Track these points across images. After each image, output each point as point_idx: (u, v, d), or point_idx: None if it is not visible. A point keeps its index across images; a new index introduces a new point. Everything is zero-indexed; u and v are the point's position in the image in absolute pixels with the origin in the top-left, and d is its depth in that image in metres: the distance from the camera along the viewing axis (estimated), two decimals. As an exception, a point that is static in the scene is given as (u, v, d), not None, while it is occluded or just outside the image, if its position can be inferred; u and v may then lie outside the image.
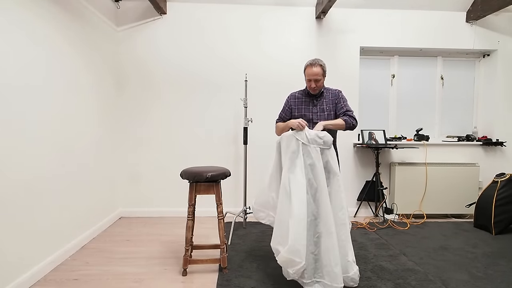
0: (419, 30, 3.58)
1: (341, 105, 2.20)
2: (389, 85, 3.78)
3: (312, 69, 2.15)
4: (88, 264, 2.29)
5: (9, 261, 1.83)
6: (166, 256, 2.44)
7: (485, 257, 2.48)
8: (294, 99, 2.33)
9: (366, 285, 1.99)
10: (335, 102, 2.22)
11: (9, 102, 1.85)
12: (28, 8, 2.03)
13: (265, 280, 2.05)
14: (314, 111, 2.23)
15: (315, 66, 2.14)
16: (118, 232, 3.00)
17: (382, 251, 2.55)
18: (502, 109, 3.65)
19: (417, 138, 3.65)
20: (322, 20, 3.50)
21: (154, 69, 3.44)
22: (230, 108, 3.49)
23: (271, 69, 3.50)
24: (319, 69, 2.14)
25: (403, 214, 3.51)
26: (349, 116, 2.15)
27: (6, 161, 1.82)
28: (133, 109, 3.44)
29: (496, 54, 3.66)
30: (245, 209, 3.13)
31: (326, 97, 2.24)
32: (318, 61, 2.16)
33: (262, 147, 3.49)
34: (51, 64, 2.26)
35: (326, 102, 2.22)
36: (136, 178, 3.47)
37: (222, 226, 2.15)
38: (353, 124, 2.15)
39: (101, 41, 3.04)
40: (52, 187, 2.24)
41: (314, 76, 2.14)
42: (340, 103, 2.20)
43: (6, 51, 1.83)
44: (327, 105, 2.22)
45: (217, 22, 3.46)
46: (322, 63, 2.17)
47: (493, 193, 3.06)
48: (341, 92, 2.25)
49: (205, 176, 2.05)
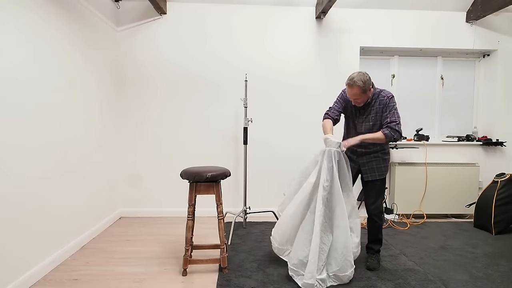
0: (419, 30, 3.57)
1: (386, 114, 2.09)
2: (389, 85, 3.78)
3: (350, 90, 2.07)
4: (88, 264, 2.29)
5: (9, 261, 1.83)
6: (166, 256, 2.44)
7: (485, 257, 2.48)
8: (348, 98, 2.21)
9: (366, 285, 1.99)
10: (382, 111, 2.12)
11: (9, 102, 1.85)
12: (28, 8, 2.03)
13: (265, 280, 2.05)
14: (360, 120, 2.20)
15: (353, 87, 2.04)
16: (118, 232, 3.00)
17: (382, 251, 2.54)
18: (502, 109, 3.65)
19: (417, 138, 3.65)
20: (322, 20, 3.50)
21: (154, 69, 3.43)
22: (230, 108, 3.49)
23: (271, 69, 3.50)
24: (356, 90, 2.03)
25: (403, 214, 3.51)
26: (391, 129, 2.05)
27: (6, 160, 1.81)
28: (133, 109, 3.44)
29: (496, 54, 3.66)
30: (245, 209, 3.13)
31: (374, 106, 2.15)
32: (356, 81, 2.01)
33: (262, 147, 3.49)
34: (51, 65, 2.25)
35: (374, 111, 2.15)
36: (136, 178, 3.47)
37: (222, 226, 2.15)
38: (395, 138, 2.06)
39: (101, 41, 3.04)
40: (52, 187, 2.24)
41: (353, 96, 2.09)
42: (385, 112, 2.09)
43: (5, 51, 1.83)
44: (373, 115, 2.15)
45: (217, 22, 3.46)
46: (361, 82, 2.00)
47: (493, 193, 3.06)
48: (391, 99, 2.11)
49: (205, 176, 2.05)
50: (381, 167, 2.22)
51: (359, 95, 2.06)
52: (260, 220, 3.29)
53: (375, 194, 2.25)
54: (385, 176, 2.25)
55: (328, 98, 3.52)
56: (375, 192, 2.25)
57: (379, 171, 2.21)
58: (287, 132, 3.54)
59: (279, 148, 3.53)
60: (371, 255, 2.28)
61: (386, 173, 2.25)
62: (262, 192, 3.51)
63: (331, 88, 3.53)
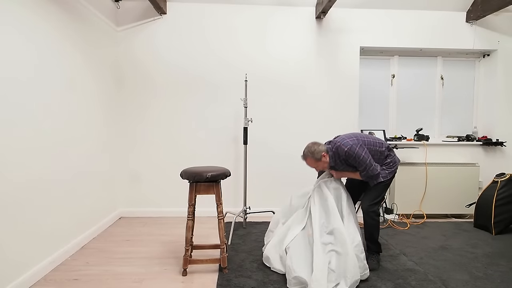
0: (419, 30, 3.57)
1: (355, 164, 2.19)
2: (389, 85, 3.78)
3: (306, 162, 2.24)
4: (88, 264, 2.29)
5: (9, 261, 1.83)
6: (166, 256, 2.44)
7: (485, 257, 2.48)
8: None
9: (366, 285, 1.99)
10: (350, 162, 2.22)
11: (9, 102, 1.85)
12: (29, 8, 2.03)
13: (265, 280, 2.05)
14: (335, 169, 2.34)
15: (306, 159, 2.22)
16: (118, 232, 3.00)
17: (382, 251, 2.55)
18: (502, 109, 3.65)
19: (417, 138, 3.65)
20: (322, 20, 3.50)
21: (154, 69, 3.43)
22: (230, 108, 3.49)
23: (271, 69, 3.50)
24: (309, 161, 2.21)
25: (403, 214, 3.51)
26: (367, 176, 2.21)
27: (6, 160, 1.81)
28: (133, 109, 3.44)
29: (496, 54, 3.66)
30: (245, 209, 3.13)
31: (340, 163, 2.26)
32: (305, 154, 2.19)
33: (262, 147, 3.50)
34: (51, 65, 2.25)
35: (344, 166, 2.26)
36: (136, 178, 3.47)
37: (222, 226, 2.15)
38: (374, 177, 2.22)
39: (101, 41, 3.04)
40: (52, 187, 2.24)
41: (312, 166, 2.26)
42: (354, 163, 2.19)
43: (5, 51, 1.83)
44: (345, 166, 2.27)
45: (217, 22, 3.46)
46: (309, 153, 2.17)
47: (493, 193, 3.06)
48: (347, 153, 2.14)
49: (205, 176, 2.05)
50: (384, 169, 2.27)
51: (315, 164, 2.22)
52: (260, 220, 3.29)
53: (373, 194, 2.27)
54: (388, 179, 2.26)
55: (328, 98, 3.55)
56: (374, 192, 2.27)
57: (383, 174, 2.25)
58: (287, 132, 3.54)
59: (279, 148, 3.53)
60: (371, 255, 2.28)
61: (390, 177, 2.27)
62: (262, 192, 3.51)
63: (331, 88, 3.54)
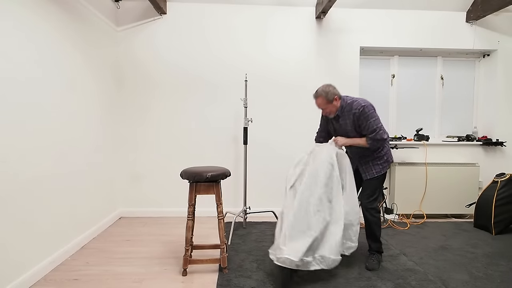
0: (419, 30, 3.57)
1: (363, 126, 2.14)
2: (389, 85, 3.78)
3: (316, 101, 2.21)
4: (88, 264, 2.29)
5: (9, 261, 1.83)
6: (166, 256, 2.44)
7: (485, 257, 2.48)
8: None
9: (366, 285, 1.99)
10: (357, 123, 2.16)
11: (9, 102, 1.85)
12: (29, 8, 2.03)
13: (265, 280, 2.05)
14: (339, 133, 2.30)
15: (317, 98, 2.19)
16: (118, 232, 3.00)
17: (383, 251, 2.55)
18: (502, 109, 3.65)
19: (417, 138, 3.65)
20: (322, 20, 3.50)
21: (154, 69, 3.43)
22: (230, 108, 3.49)
23: (271, 69, 3.50)
24: (320, 100, 2.17)
25: (403, 214, 3.51)
26: (372, 140, 2.12)
27: (6, 161, 1.81)
28: (133, 109, 3.44)
29: (496, 54, 3.66)
30: (245, 209, 3.13)
31: (346, 118, 2.20)
32: (318, 92, 2.16)
33: (262, 147, 3.49)
34: (51, 65, 2.25)
35: (349, 124, 2.21)
36: (136, 178, 3.47)
37: (222, 226, 2.15)
38: (380, 145, 2.17)
39: (101, 41, 3.04)
40: (52, 186, 2.24)
41: (320, 107, 2.23)
42: (362, 124, 2.13)
43: (5, 51, 1.83)
44: (350, 127, 2.21)
45: (217, 22, 3.46)
46: (323, 92, 2.14)
47: (493, 193, 3.06)
48: (362, 110, 2.10)
49: (205, 176, 2.05)
50: (378, 164, 2.25)
51: (325, 105, 2.18)
52: (260, 220, 3.30)
53: (370, 190, 2.28)
54: (382, 174, 2.26)
55: (328, 98, 3.54)
56: (370, 189, 2.28)
57: (376, 169, 2.25)
58: (286, 132, 3.54)
59: (278, 148, 3.53)
60: (371, 255, 2.28)
61: (383, 172, 2.26)
62: (262, 192, 3.51)
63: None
